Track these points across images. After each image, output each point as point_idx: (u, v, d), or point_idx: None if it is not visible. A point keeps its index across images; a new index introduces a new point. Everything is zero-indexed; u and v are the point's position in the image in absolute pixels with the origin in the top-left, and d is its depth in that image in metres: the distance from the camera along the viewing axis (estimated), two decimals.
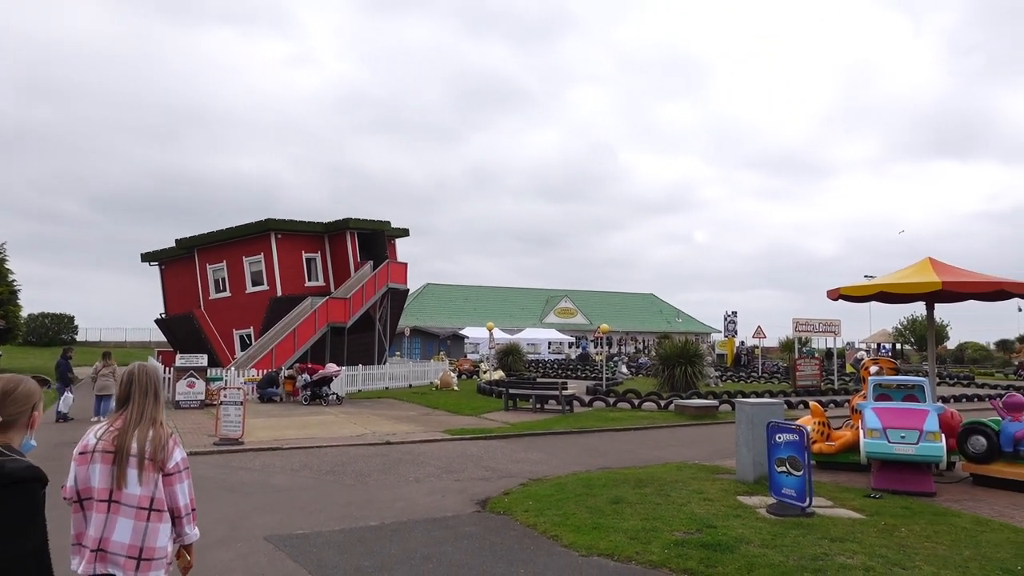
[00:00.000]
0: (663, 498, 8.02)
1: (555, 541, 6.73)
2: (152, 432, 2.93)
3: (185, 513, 3.05)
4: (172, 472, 2.99)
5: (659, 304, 77.28)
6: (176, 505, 3.01)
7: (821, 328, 29.43)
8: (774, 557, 5.93)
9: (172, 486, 2.99)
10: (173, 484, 2.99)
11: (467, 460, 11.50)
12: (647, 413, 18.50)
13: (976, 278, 10.22)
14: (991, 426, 9.11)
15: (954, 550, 6.26)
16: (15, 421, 2.41)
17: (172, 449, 2.98)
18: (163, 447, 2.92)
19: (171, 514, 3.00)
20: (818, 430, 10.24)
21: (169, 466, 2.98)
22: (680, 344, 24.98)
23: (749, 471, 9.02)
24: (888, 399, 9.43)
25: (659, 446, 13.43)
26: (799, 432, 7.67)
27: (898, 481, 8.60)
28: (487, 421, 16.60)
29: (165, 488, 2.96)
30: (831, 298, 11.27)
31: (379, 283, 29.09)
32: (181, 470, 3.03)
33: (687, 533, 6.64)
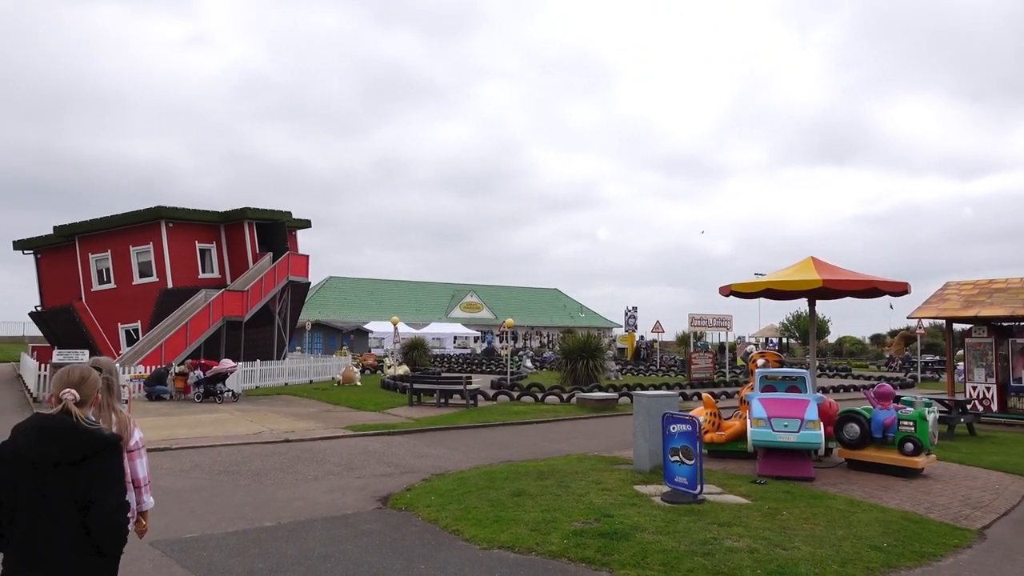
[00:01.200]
0: (563, 489, 8.18)
1: (457, 535, 6.74)
2: (115, 416, 3.37)
3: (144, 483, 3.54)
4: (133, 449, 3.46)
5: (563, 299, 78.66)
6: (136, 476, 3.48)
7: (715, 323, 30.82)
8: (667, 543, 6.17)
9: (133, 461, 3.46)
10: (134, 459, 3.47)
11: (369, 456, 11.33)
12: (550, 406, 18.81)
13: (853, 277, 10.97)
14: (864, 414, 9.81)
15: (829, 530, 6.71)
16: (88, 400, 3.06)
17: (133, 430, 3.46)
18: (126, 428, 3.38)
19: (132, 484, 3.46)
20: (710, 420, 10.72)
21: (131, 444, 3.43)
22: (583, 339, 25.56)
23: (646, 461, 9.34)
24: (773, 390, 9.97)
25: (561, 439, 13.68)
26: (692, 423, 8.00)
27: (781, 467, 9.14)
28: (390, 417, 16.41)
29: (128, 463, 3.40)
30: (723, 294, 11.82)
31: (279, 276, 28.17)
32: (140, 447, 3.53)
33: (586, 523, 6.80)
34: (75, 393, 2.96)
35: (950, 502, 8.22)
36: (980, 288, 17.32)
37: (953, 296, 17.51)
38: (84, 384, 3.05)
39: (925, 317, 19.36)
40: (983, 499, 8.50)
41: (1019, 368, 16.19)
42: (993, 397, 16.44)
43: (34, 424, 2.88)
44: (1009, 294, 16.45)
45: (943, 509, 7.88)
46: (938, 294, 17.99)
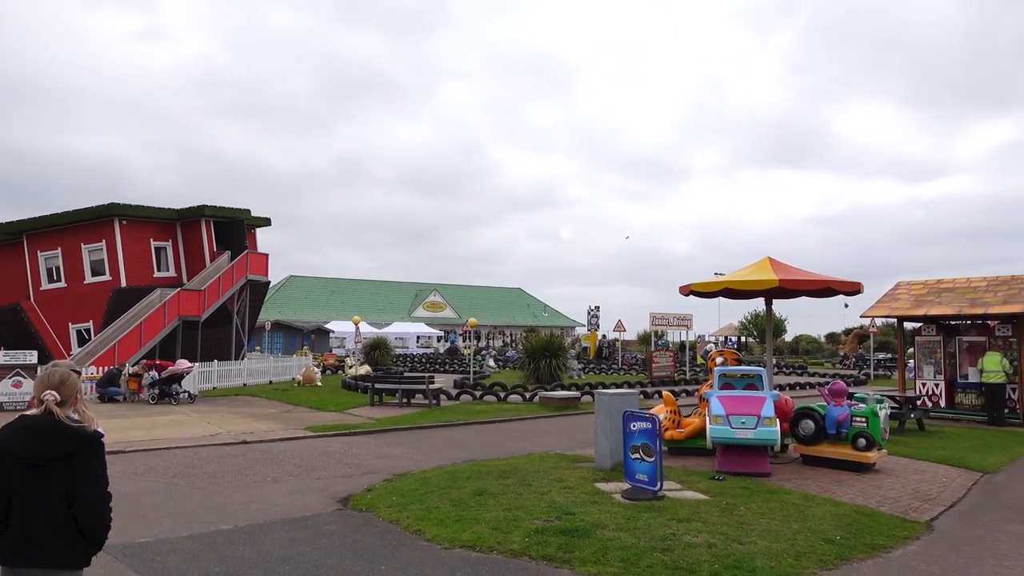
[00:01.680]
0: (525, 488, 8.20)
1: (418, 535, 6.71)
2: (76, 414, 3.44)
3: None
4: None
5: (527, 298, 78.86)
6: None
7: (675, 322, 31.22)
8: (627, 540, 6.23)
9: None
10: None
11: (329, 457, 11.20)
12: (513, 405, 18.84)
13: (808, 276, 11.22)
14: (818, 411, 10.04)
15: (785, 524, 6.85)
16: (68, 400, 3.21)
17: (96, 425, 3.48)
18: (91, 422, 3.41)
19: None
20: (670, 418, 10.86)
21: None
22: (545, 338, 25.65)
23: (607, 459, 9.41)
24: (732, 388, 10.13)
25: (523, 437, 13.71)
26: (652, 420, 8.09)
27: (739, 463, 9.29)
28: (351, 417, 16.25)
29: None
30: (683, 293, 11.98)
31: (237, 274, 27.67)
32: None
33: (547, 521, 6.83)
34: (56, 394, 3.14)
35: (900, 495, 8.46)
36: (929, 288, 17.86)
37: (904, 296, 18.02)
38: (64, 385, 3.21)
39: (877, 316, 19.90)
40: (931, 492, 8.77)
41: (965, 365, 16.73)
42: (941, 393, 16.97)
43: (21, 425, 3.07)
44: (956, 294, 16.99)
45: (893, 502, 8.11)
46: (890, 294, 18.49)
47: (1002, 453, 11.74)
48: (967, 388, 16.62)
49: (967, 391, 16.63)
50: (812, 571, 5.70)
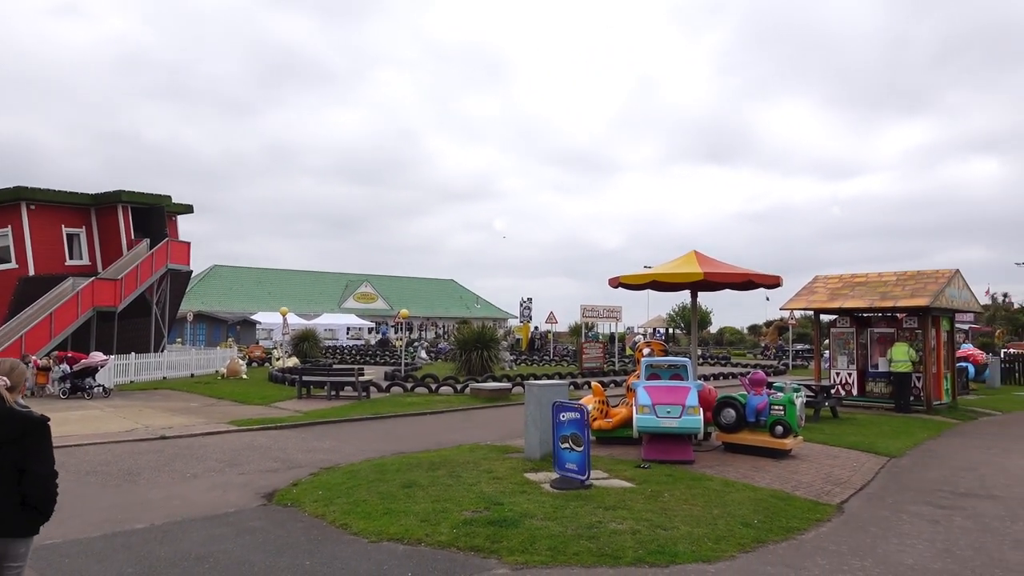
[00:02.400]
0: (455, 479, 8.19)
1: (344, 529, 6.61)
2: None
3: None
4: None
5: (459, 290, 78.67)
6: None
7: (605, 314, 31.73)
8: (554, 528, 6.30)
9: None
10: None
11: (254, 452, 10.91)
12: (444, 397, 18.78)
13: (731, 270, 11.58)
14: (739, 400, 10.39)
15: (706, 509, 7.07)
16: (17, 387, 3.55)
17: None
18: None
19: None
20: (598, 408, 11.03)
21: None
22: (478, 329, 25.65)
23: (536, 449, 9.50)
24: (658, 378, 10.38)
25: (454, 429, 13.69)
26: (580, 411, 8.20)
27: (664, 451, 9.53)
28: (278, 410, 15.87)
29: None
30: (612, 286, 12.18)
31: (157, 263, 26.54)
32: None
33: (476, 512, 6.84)
34: (6, 380, 3.46)
35: (814, 480, 8.85)
36: (844, 282, 18.71)
37: (820, 289, 18.83)
38: (13, 373, 3.56)
39: (796, 308, 20.71)
40: (842, 476, 9.21)
41: (876, 355, 17.63)
42: (854, 382, 17.84)
43: None
44: (869, 287, 17.87)
45: (808, 487, 8.47)
46: (807, 287, 19.29)
47: (907, 438, 12.44)
48: (877, 377, 17.52)
49: (877, 380, 17.53)
50: (731, 554, 5.90)
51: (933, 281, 16.98)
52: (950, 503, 7.98)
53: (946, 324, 18.02)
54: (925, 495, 8.37)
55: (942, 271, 17.48)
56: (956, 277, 17.42)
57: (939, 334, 17.39)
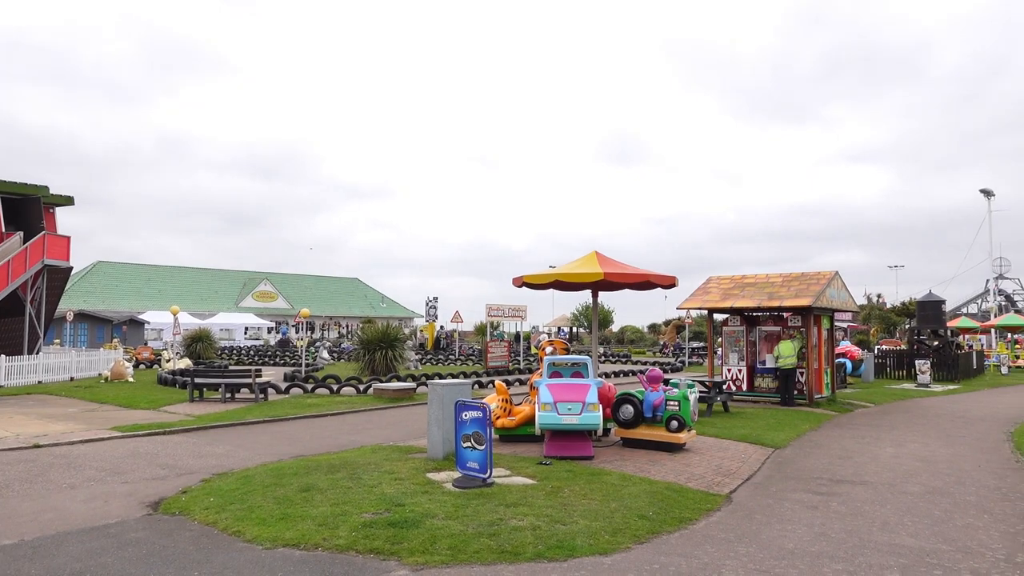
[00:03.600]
0: (355, 482, 8.03)
1: (237, 537, 6.35)
2: None
3: None
4: None
5: (364, 289, 77.25)
6: None
7: (510, 313, 32.00)
8: (455, 527, 6.29)
9: None
10: None
11: (139, 459, 10.31)
12: (346, 398, 18.40)
13: (630, 270, 11.93)
14: (637, 396, 10.71)
15: (604, 503, 7.25)
16: None
17: None
18: None
19: None
20: (502, 406, 11.11)
21: None
22: (382, 329, 25.26)
23: (439, 448, 9.46)
24: (560, 376, 10.57)
25: (356, 430, 13.44)
26: (483, 409, 8.23)
27: (565, 448, 9.71)
28: (167, 415, 15.07)
29: None
30: (516, 285, 12.30)
31: (32, 258, 24.63)
32: None
33: (376, 514, 6.73)
34: None
35: (705, 472, 9.25)
36: (735, 283, 19.66)
37: (714, 289, 19.70)
38: None
39: (691, 308, 21.56)
40: (732, 467, 9.68)
41: (764, 352, 18.62)
42: (744, 378, 18.77)
43: None
44: (757, 288, 18.84)
45: (700, 478, 8.85)
46: (702, 287, 20.14)
47: (791, 430, 13.21)
48: (764, 373, 18.51)
49: (764, 375, 18.52)
50: (627, 546, 6.08)
51: (815, 282, 18.10)
52: (827, 490, 8.53)
53: (827, 322, 19.24)
54: (805, 483, 8.91)
55: (823, 273, 18.66)
56: (835, 279, 18.64)
57: (820, 332, 18.55)
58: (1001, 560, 5.90)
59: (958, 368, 27.16)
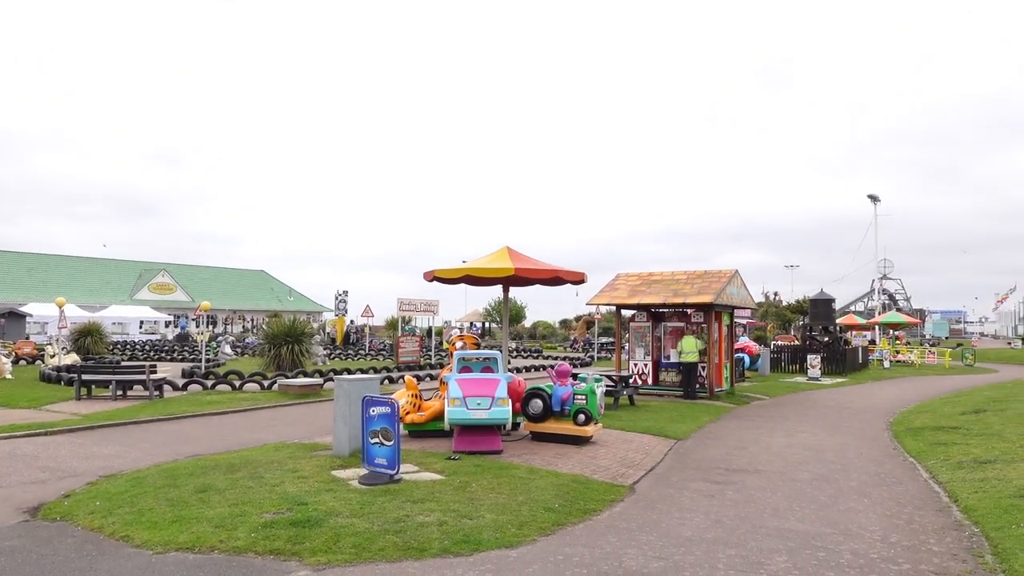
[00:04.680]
0: (256, 481, 7.76)
1: (125, 542, 6.01)
2: None
3: None
4: None
5: (271, 282, 74.83)
6: None
7: (422, 308, 31.72)
8: (360, 525, 6.18)
9: None
10: None
11: (16, 462, 9.59)
12: (249, 395, 17.75)
13: (540, 266, 12.05)
14: (546, 391, 10.84)
15: (511, 497, 7.30)
16: None
17: None
18: None
19: None
20: (411, 402, 10.99)
21: None
22: (288, 323, 24.51)
23: (345, 445, 9.27)
24: (470, 371, 10.56)
25: (259, 428, 12.99)
26: (391, 405, 8.12)
27: (474, 443, 9.71)
28: (50, 414, 14.09)
29: None
30: (427, 279, 12.20)
31: None
32: None
33: (277, 513, 6.52)
34: None
35: (611, 463, 9.48)
36: (643, 279, 20.22)
37: (622, 286, 20.20)
38: None
39: (600, 304, 22.02)
40: (636, 459, 9.95)
41: (668, 347, 19.25)
42: (649, 372, 19.35)
43: None
44: (663, 285, 19.45)
45: (605, 470, 9.05)
46: (611, 284, 20.61)
47: (692, 422, 13.71)
48: (669, 367, 19.14)
49: (669, 370, 19.15)
50: (532, 538, 6.14)
51: (717, 280, 18.85)
52: (724, 479, 8.91)
53: (727, 319, 20.09)
54: (704, 473, 9.27)
55: (724, 271, 19.46)
56: (735, 277, 19.47)
57: (721, 328, 19.35)
58: (877, 541, 6.32)
59: (846, 362, 28.96)
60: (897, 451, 11.22)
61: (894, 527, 6.79)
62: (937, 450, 10.69)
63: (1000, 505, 7.16)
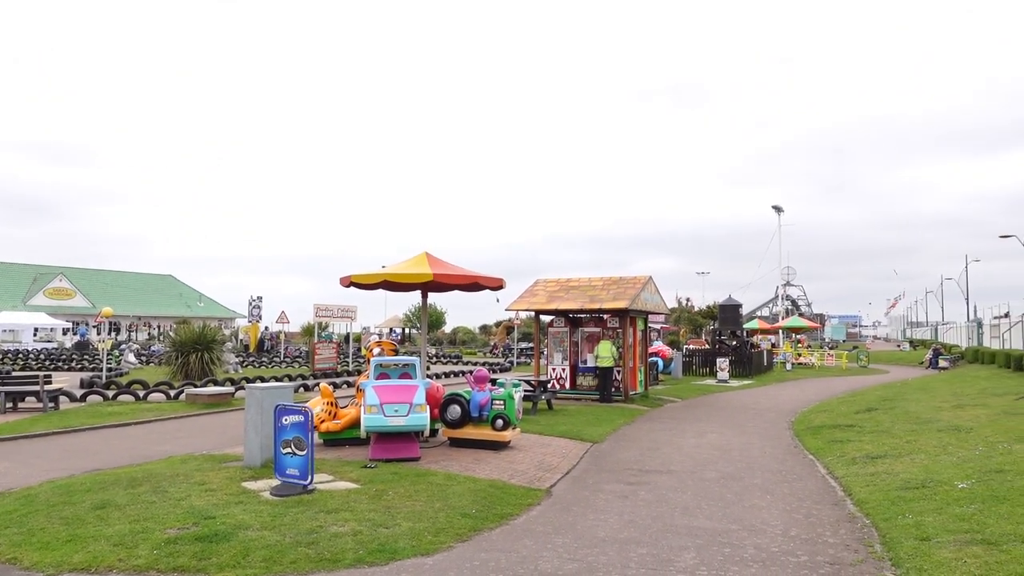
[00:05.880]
0: (159, 495, 7.42)
1: (13, 564, 5.63)
2: None
3: None
4: None
5: (179, 287, 71.64)
6: None
7: (340, 314, 31.16)
8: (271, 538, 6.02)
9: None
10: None
11: None
12: (154, 405, 16.95)
13: (459, 272, 12.05)
14: (464, 396, 10.85)
15: (428, 504, 7.27)
16: None
17: None
18: None
19: None
20: (327, 410, 10.77)
21: None
22: (198, 330, 23.57)
23: (257, 456, 9.00)
24: (387, 377, 10.44)
25: (165, 440, 12.43)
26: (304, 413, 7.94)
27: (391, 450, 9.61)
28: None
29: None
30: (343, 285, 11.99)
31: None
32: None
33: (182, 529, 6.27)
34: None
35: (528, 468, 9.57)
36: (561, 285, 20.53)
37: (541, 292, 20.44)
38: None
39: (520, 309, 22.21)
40: (553, 463, 10.09)
41: (586, 352, 19.61)
42: (567, 376, 19.66)
43: None
44: (581, 291, 19.81)
45: (522, 474, 9.13)
46: (530, 290, 20.82)
47: (607, 425, 14.02)
48: (586, 371, 19.50)
49: (586, 374, 19.51)
50: (449, 545, 6.13)
51: (632, 287, 19.35)
52: (637, 480, 9.16)
53: (641, 324, 20.64)
54: (619, 474, 9.50)
55: (639, 277, 20.00)
56: (649, 283, 20.04)
57: (636, 333, 19.86)
58: (779, 535, 6.65)
59: (752, 365, 30.26)
60: (798, 449, 11.82)
61: (794, 521, 7.15)
62: (834, 447, 11.33)
63: (888, 497, 7.66)
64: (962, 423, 12.40)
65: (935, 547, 5.80)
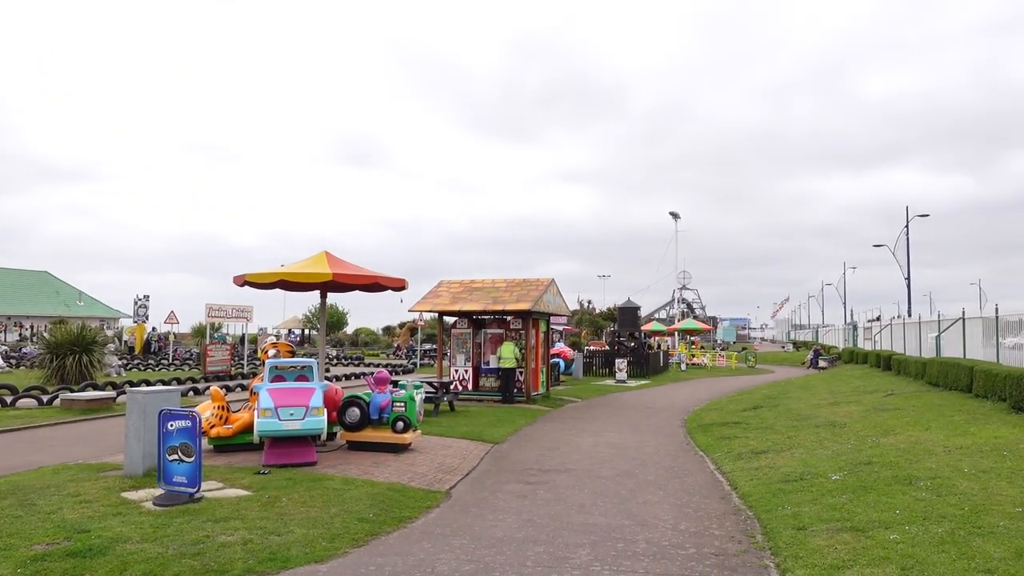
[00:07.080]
0: (27, 509, 6.88)
1: None
2: None
3: None
4: None
5: (56, 284, 66.63)
6: None
7: (234, 314, 29.90)
8: (152, 550, 5.69)
9: None
10: None
11: None
12: (24, 411, 15.69)
13: (359, 272, 11.83)
14: (364, 399, 10.65)
15: (324, 510, 7.09)
16: None
17: None
18: None
19: None
20: (217, 414, 10.32)
21: None
22: (76, 330, 22.01)
23: (139, 464, 8.49)
24: (283, 380, 10.10)
25: (36, 449, 11.53)
26: (192, 418, 7.57)
27: (286, 455, 9.31)
28: None
29: None
30: (237, 284, 11.52)
31: None
32: None
33: (52, 544, 5.82)
34: None
35: (428, 470, 9.50)
36: (464, 287, 20.53)
37: (444, 293, 20.37)
38: None
39: (423, 310, 22.05)
40: (453, 464, 10.06)
41: (488, 353, 19.69)
42: (470, 378, 19.67)
43: None
44: (484, 292, 19.88)
45: (422, 477, 9.06)
46: (433, 291, 20.71)
47: (509, 426, 14.12)
48: (488, 372, 19.58)
49: (488, 375, 19.59)
50: (344, 550, 6.00)
51: (535, 288, 19.60)
52: (537, 479, 9.27)
53: (544, 325, 20.93)
54: (518, 474, 9.58)
55: (541, 280, 20.28)
56: (552, 285, 20.36)
57: (538, 334, 20.12)
58: (669, 529, 6.90)
59: (649, 366, 31.29)
60: (689, 446, 12.31)
61: (684, 515, 7.44)
62: (722, 443, 11.88)
63: (770, 490, 8.11)
64: (837, 419, 13.29)
65: (810, 535, 6.19)
